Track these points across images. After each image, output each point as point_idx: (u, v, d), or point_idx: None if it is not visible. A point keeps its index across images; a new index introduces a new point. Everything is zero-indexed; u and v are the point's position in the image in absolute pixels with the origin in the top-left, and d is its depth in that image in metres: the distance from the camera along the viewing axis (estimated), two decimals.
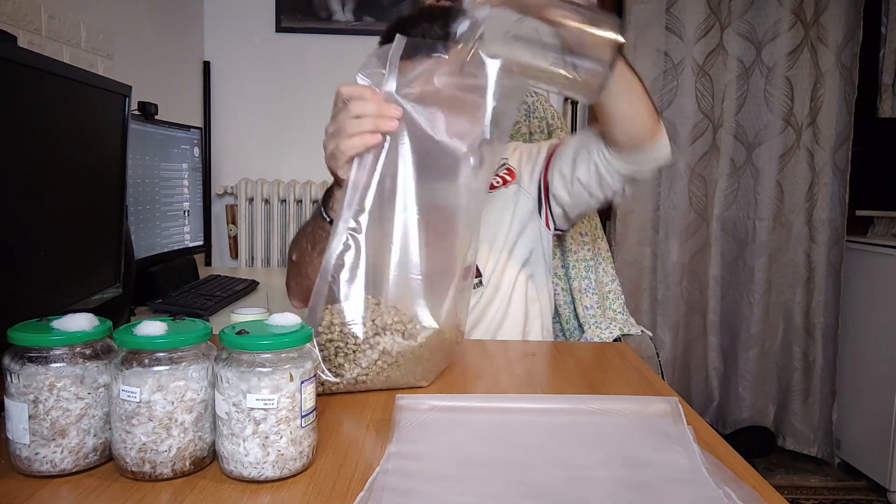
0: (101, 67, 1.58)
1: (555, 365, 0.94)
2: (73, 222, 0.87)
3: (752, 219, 2.34)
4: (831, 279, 2.32)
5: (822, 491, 2.17)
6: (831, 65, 2.24)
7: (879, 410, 2.13)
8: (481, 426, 0.67)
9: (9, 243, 0.72)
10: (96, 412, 0.57)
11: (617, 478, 0.58)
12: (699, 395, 2.42)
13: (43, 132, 0.79)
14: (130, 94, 1.01)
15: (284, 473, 0.56)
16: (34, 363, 0.55)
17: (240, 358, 0.55)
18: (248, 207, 2.31)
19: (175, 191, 1.71)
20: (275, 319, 0.60)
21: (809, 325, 2.36)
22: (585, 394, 0.80)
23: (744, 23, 2.25)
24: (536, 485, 0.56)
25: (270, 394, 0.55)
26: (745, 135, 2.31)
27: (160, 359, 0.55)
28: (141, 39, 1.85)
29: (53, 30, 1.40)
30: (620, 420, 0.69)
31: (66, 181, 0.85)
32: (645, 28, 2.20)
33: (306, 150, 2.37)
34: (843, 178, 2.28)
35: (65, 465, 0.56)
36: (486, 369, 0.91)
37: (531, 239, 1.19)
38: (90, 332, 0.57)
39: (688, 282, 2.35)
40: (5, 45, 0.71)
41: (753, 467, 0.61)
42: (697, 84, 2.24)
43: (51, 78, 0.79)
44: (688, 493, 0.55)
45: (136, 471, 0.55)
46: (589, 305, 1.32)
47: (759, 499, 0.53)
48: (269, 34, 2.33)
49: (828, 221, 2.31)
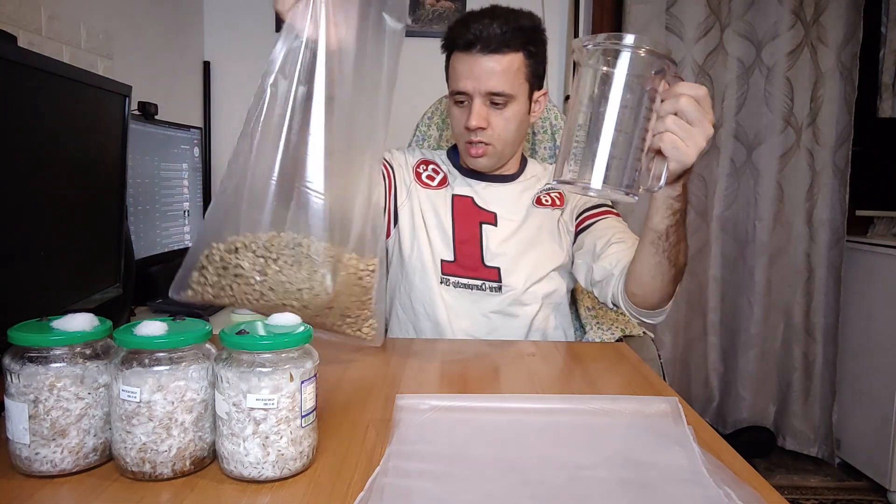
0: (101, 67, 1.58)
1: (555, 365, 0.94)
2: (73, 222, 0.87)
3: (752, 219, 2.34)
4: (831, 279, 2.32)
5: (822, 491, 2.17)
6: (831, 65, 2.24)
7: (879, 410, 2.13)
8: (481, 426, 0.67)
9: (9, 243, 0.72)
10: (96, 412, 0.57)
11: (617, 478, 0.58)
12: (699, 395, 2.42)
13: (43, 132, 0.79)
14: (130, 94, 1.01)
15: (284, 473, 0.56)
16: (34, 363, 0.55)
17: (240, 358, 0.55)
18: None
19: (175, 191, 1.71)
20: (275, 319, 0.60)
21: (809, 325, 2.36)
22: (585, 394, 0.80)
23: (744, 23, 2.25)
24: (537, 484, 0.56)
25: (270, 394, 0.55)
26: (745, 135, 2.31)
27: (160, 359, 0.55)
28: (141, 39, 1.85)
29: (53, 30, 1.40)
30: (620, 420, 0.69)
31: (67, 181, 0.85)
32: (645, 28, 2.20)
33: None
34: (843, 178, 2.28)
35: (65, 465, 0.56)
36: (486, 369, 0.91)
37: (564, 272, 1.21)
38: (90, 332, 0.57)
39: (688, 282, 2.35)
40: (5, 45, 0.71)
41: (753, 467, 0.61)
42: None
43: (51, 78, 0.79)
44: (688, 493, 0.55)
45: (136, 471, 0.55)
46: (591, 306, 1.32)
47: (759, 499, 0.53)
48: (269, 34, 2.32)
49: (828, 221, 2.31)
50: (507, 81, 1.07)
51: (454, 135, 1.18)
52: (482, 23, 1.05)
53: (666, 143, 0.75)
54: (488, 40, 1.05)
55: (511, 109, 1.10)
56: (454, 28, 1.09)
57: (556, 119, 1.43)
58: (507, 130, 1.12)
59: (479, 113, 1.08)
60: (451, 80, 1.12)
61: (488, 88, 1.07)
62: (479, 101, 1.08)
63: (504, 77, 1.07)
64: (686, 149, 0.75)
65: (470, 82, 1.07)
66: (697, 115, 0.74)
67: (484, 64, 1.06)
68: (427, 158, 1.26)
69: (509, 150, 1.17)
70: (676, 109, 0.74)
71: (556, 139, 1.42)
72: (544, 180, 1.23)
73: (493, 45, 1.05)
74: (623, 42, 0.72)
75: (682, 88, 0.74)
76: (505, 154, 1.16)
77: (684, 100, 0.74)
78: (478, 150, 1.12)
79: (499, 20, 1.05)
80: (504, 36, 1.05)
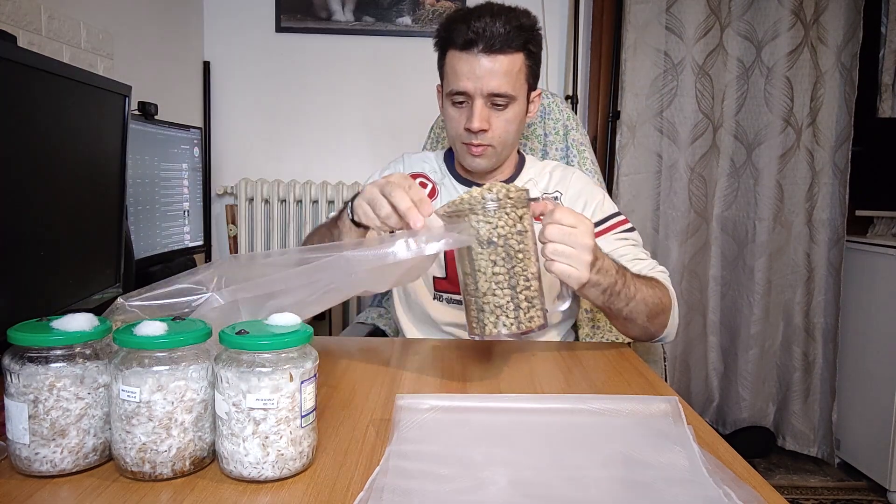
0: (101, 67, 1.58)
1: (555, 365, 0.94)
2: (73, 222, 0.87)
3: (752, 219, 2.34)
4: (831, 279, 2.32)
5: (822, 491, 2.17)
6: (831, 65, 2.24)
7: (879, 410, 2.13)
8: (481, 426, 0.67)
9: (9, 243, 0.72)
10: (96, 412, 0.57)
11: (617, 478, 0.58)
12: (699, 395, 2.42)
13: (43, 132, 0.79)
14: (130, 94, 1.01)
15: (284, 473, 0.56)
16: (34, 363, 0.55)
17: (240, 358, 0.55)
18: (248, 207, 2.31)
19: (175, 191, 1.71)
20: (275, 319, 0.60)
21: (809, 325, 2.36)
22: (585, 394, 0.80)
23: (744, 23, 2.25)
24: (536, 484, 0.56)
25: (270, 394, 0.55)
26: (745, 135, 2.31)
27: (160, 359, 0.55)
28: (141, 39, 1.84)
29: (53, 30, 1.40)
30: (620, 420, 0.69)
31: (66, 181, 0.85)
32: (645, 28, 2.20)
33: (306, 150, 2.37)
34: (843, 178, 2.28)
35: (65, 465, 0.56)
36: (486, 369, 0.91)
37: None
38: (90, 332, 0.57)
39: (688, 282, 2.35)
40: (5, 45, 0.71)
41: (753, 467, 0.61)
42: (697, 84, 2.24)
43: (51, 78, 0.79)
44: (688, 493, 0.55)
45: (136, 471, 0.55)
46: (588, 308, 1.32)
47: (759, 499, 0.53)
48: (269, 34, 2.33)
49: (828, 221, 2.31)
50: (510, 82, 1.05)
51: (450, 136, 1.15)
52: (483, 21, 1.02)
53: (556, 272, 0.83)
54: (491, 40, 1.02)
55: (512, 111, 1.08)
56: (451, 25, 1.06)
57: (568, 120, 1.42)
58: (507, 132, 1.10)
59: (481, 115, 1.06)
60: (449, 79, 1.08)
61: (491, 89, 1.04)
62: (481, 102, 1.06)
63: (507, 78, 1.04)
64: (576, 271, 0.83)
65: (471, 83, 1.04)
66: (569, 240, 0.82)
67: (486, 64, 1.03)
68: (416, 172, 1.24)
69: (507, 152, 1.16)
70: (549, 240, 0.82)
71: (568, 140, 1.42)
72: (542, 183, 1.20)
73: (497, 45, 1.02)
74: (472, 203, 0.78)
75: (547, 219, 0.83)
76: (503, 155, 1.15)
77: (550, 230, 0.82)
78: (478, 149, 1.10)
79: (500, 18, 1.02)
80: (507, 35, 1.02)
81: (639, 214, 2.28)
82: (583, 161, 1.40)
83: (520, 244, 0.79)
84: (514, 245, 0.79)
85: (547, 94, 1.43)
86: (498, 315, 0.79)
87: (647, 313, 0.97)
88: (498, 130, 1.09)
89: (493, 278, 0.79)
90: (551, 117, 1.42)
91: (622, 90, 2.22)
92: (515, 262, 0.79)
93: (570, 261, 0.82)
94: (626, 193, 2.26)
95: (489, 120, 1.07)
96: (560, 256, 0.82)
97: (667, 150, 2.28)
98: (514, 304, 0.79)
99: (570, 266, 0.82)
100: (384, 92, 2.35)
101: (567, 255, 0.82)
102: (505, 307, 0.79)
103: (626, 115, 2.23)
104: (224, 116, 2.32)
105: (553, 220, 0.82)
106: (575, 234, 0.82)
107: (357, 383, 0.83)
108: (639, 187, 2.28)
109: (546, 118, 1.43)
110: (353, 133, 2.38)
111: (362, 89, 2.35)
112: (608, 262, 0.90)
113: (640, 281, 0.96)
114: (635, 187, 2.27)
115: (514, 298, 0.79)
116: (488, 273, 0.79)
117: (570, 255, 0.82)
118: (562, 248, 0.82)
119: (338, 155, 2.38)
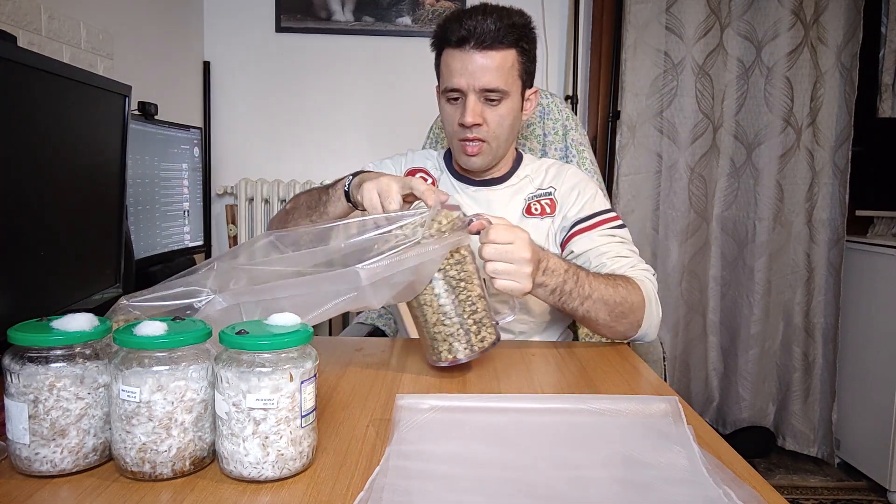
0: (101, 67, 1.58)
1: (555, 365, 0.94)
2: (73, 222, 0.87)
3: (752, 219, 2.34)
4: (831, 279, 2.32)
5: (822, 491, 2.17)
6: (831, 65, 2.24)
7: (879, 410, 2.13)
8: (481, 426, 0.67)
9: (9, 243, 0.72)
10: (96, 412, 0.57)
11: (617, 478, 0.58)
12: (699, 395, 2.42)
13: (43, 132, 0.79)
14: (130, 94, 1.01)
15: (284, 473, 0.56)
16: (34, 363, 0.55)
17: (240, 358, 0.55)
18: (248, 207, 2.31)
19: (175, 191, 1.71)
20: (275, 319, 0.60)
21: (809, 325, 2.36)
22: (585, 394, 0.80)
23: (744, 23, 2.25)
24: (536, 484, 0.56)
25: (270, 394, 0.55)
26: (745, 135, 2.31)
27: (160, 359, 0.55)
28: (141, 39, 1.85)
29: (53, 30, 1.40)
30: (620, 420, 0.69)
31: (66, 181, 0.85)
32: (645, 28, 2.20)
33: (306, 150, 2.37)
34: (843, 178, 2.28)
35: (65, 465, 0.56)
36: (486, 369, 0.91)
37: None
38: (90, 332, 0.57)
39: (687, 282, 2.35)
40: (5, 45, 0.71)
41: (753, 467, 0.61)
42: (697, 84, 2.24)
43: (51, 78, 0.79)
44: (688, 493, 0.55)
45: (136, 471, 0.55)
46: None
47: (759, 499, 0.53)
48: (269, 34, 2.33)
49: (828, 221, 2.31)
50: (502, 77, 1.07)
51: (447, 134, 1.17)
52: (475, 19, 1.05)
53: (500, 288, 0.86)
54: (482, 36, 1.05)
55: (505, 106, 1.10)
56: (445, 24, 1.09)
57: (567, 120, 1.42)
58: (501, 127, 1.11)
59: (474, 109, 1.08)
60: (444, 76, 1.11)
61: (483, 85, 1.07)
62: (474, 97, 1.08)
63: (498, 73, 1.07)
64: (518, 285, 0.86)
65: (464, 79, 1.07)
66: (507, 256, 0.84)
67: (478, 60, 1.06)
68: (416, 167, 1.25)
69: (503, 149, 1.16)
70: (488, 259, 0.85)
71: (567, 140, 1.42)
72: (537, 180, 1.21)
73: (487, 41, 1.05)
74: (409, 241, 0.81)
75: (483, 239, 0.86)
76: (499, 153, 1.16)
77: (487, 250, 0.85)
78: (473, 147, 1.12)
79: (491, 16, 1.05)
80: (498, 32, 1.05)
81: (639, 214, 2.28)
82: (582, 161, 1.40)
83: (460, 273, 0.83)
84: (455, 275, 0.83)
85: (546, 94, 1.43)
86: (451, 343, 0.83)
87: (608, 312, 0.98)
88: (492, 125, 1.11)
89: (440, 310, 0.83)
90: (550, 117, 1.42)
91: (622, 90, 2.22)
92: (458, 291, 0.83)
93: (510, 276, 0.86)
94: (625, 193, 2.26)
95: (482, 115, 1.09)
96: (501, 274, 0.86)
97: (667, 150, 2.28)
98: (463, 329, 0.83)
99: (511, 281, 0.86)
100: (384, 92, 2.35)
101: (507, 272, 0.86)
102: (455, 334, 0.83)
103: (626, 115, 2.23)
104: (224, 116, 2.32)
105: (489, 239, 0.86)
106: (511, 251, 0.85)
107: (357, 383, 0.83)
108: (639, 187, 2.28)
109: (545, 118, 1.43)
110: (353, 133, 2.38)
111: (362, 89, 2.35)
112: (555, 262, 0.93)
113: (599, 280, 0.98)
114: (635, 187, 2.27)
115: (462, 325, 0.83)
116: (434, 305, 0.83)
117: (510, 271, 0.86)
118: (502, 267, 0.86)
119: (338, 155, 2.38)
